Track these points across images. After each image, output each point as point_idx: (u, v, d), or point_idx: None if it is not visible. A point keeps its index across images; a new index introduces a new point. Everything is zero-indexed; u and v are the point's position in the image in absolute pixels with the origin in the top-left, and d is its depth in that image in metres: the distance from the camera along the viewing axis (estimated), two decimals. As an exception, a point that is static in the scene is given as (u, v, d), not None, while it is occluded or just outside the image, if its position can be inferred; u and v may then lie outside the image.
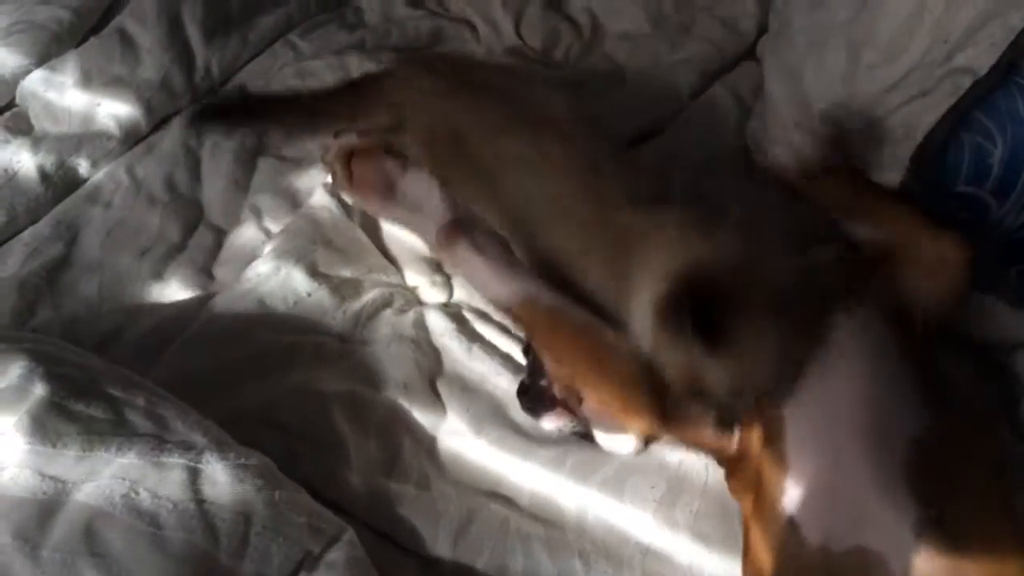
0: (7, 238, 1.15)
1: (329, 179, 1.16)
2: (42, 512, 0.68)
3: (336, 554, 0.80)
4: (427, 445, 0.96)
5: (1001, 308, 0.87)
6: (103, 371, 0.85)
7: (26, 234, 1.15)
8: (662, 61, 1.31)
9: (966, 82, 0.78)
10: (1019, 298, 0.88)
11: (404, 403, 0.98)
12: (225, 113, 1.16)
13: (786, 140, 1.09)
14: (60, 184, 1.19)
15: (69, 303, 1.09)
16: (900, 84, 0.87)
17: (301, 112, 1.12)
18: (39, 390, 0.74)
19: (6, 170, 1.15)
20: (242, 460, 0.80)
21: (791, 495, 0.66)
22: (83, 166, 1.21)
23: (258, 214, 1.20)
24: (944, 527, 0.61)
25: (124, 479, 0.71)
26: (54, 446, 0.71)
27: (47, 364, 0.77)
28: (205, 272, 1.14)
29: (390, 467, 0.94)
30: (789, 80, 1.04)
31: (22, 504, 0.68)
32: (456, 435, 0.96)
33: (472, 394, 0.99)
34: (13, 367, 0.76)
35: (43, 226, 1.16)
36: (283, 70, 1.35)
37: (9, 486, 0.69)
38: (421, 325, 1.05)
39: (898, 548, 0.61)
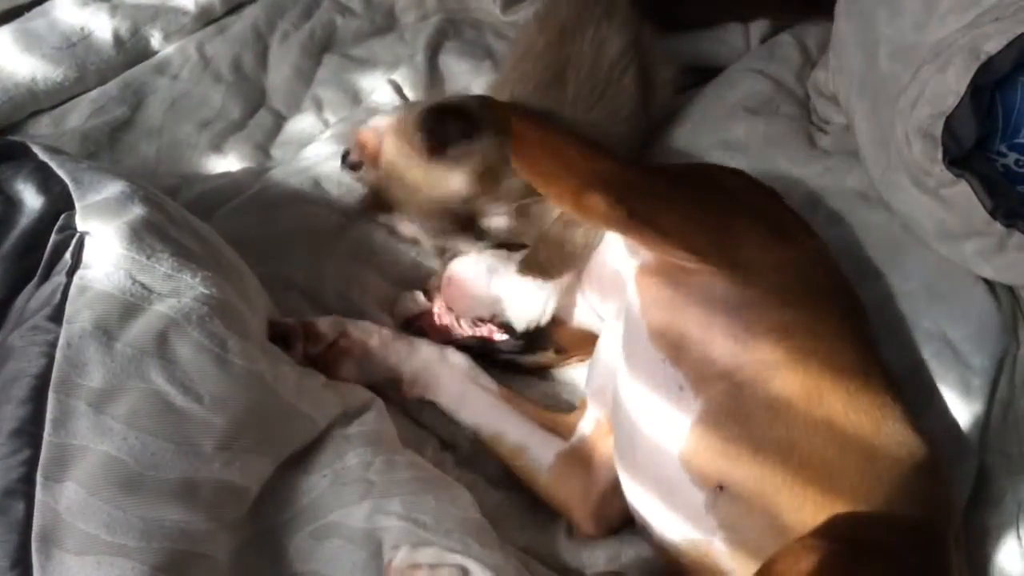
0: (76, 94, 1.18)
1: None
2: (125, 310, 0.70)
3: (368, 416, 0.86)
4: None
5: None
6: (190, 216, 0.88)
7: (94, 92, 1.18)
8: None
9: (1045, 11, 0.79)
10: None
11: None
12: None
13: (846, 89, 1.10)
14: (132, 51, 1.22)
15: (127, 160, 1.13)
16: (971, 24, 0.87)
17: None
18: (137, 209, 0.76)
19: (83, 28, 1.18)
20: None
21: None
22: (156, 37, 1.23)
23: (319, 105, 1.22)
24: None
25: (205, 305, 0.74)
26: (148, 258, 0.73)
27: (143, 191, 0.80)
28: (262, 150, 1.17)
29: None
30: (861, 21, 1.05)
31: (109, 299, 0.70)
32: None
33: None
34: (112, 185, 0.78)
35: (111, 87, 1.19)
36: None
37: (102, 280, 0.71)
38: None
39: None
